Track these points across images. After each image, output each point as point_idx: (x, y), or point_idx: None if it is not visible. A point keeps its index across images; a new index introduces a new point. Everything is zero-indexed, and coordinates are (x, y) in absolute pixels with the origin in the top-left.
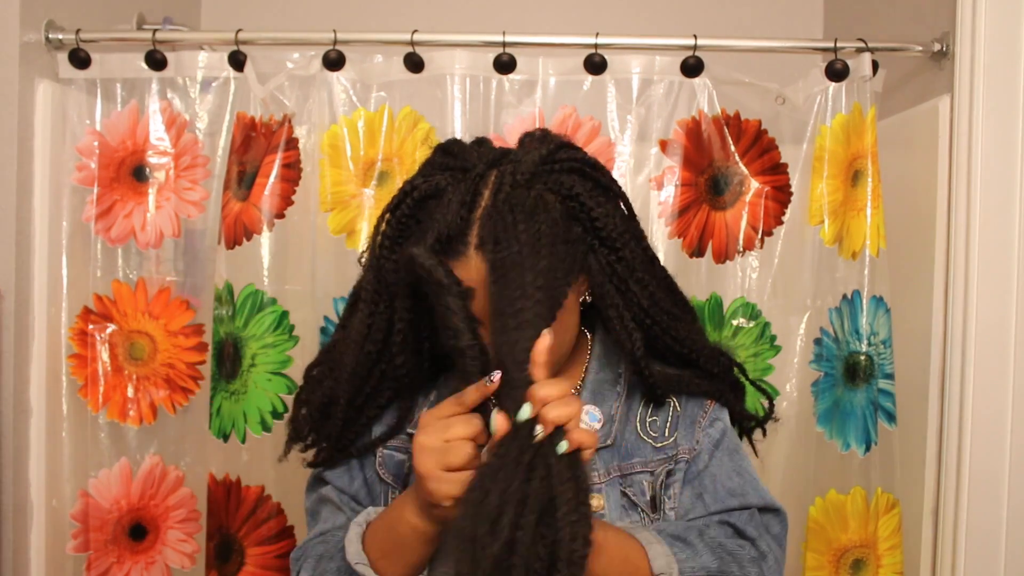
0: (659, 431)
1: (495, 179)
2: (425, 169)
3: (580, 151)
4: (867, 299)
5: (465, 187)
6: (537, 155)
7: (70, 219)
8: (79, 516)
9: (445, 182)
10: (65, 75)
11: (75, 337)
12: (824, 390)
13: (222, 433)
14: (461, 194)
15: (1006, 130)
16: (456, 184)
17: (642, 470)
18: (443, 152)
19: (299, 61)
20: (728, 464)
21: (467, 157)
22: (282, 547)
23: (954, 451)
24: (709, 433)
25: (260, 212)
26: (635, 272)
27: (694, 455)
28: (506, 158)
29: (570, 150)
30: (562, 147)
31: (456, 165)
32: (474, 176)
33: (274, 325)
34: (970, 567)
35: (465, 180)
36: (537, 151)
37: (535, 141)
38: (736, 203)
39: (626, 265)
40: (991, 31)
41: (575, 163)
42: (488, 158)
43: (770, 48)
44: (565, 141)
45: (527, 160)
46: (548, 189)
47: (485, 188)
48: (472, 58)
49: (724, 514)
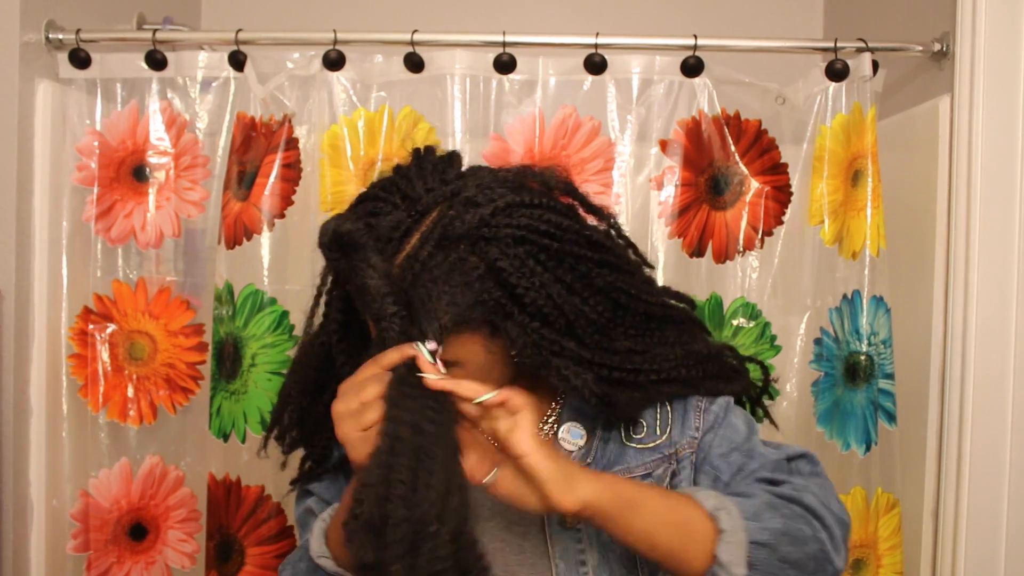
0: (648, 430)
1: (428, 227)
2: (388, 178)
3: (533, 210)
4: (867, 299)
5: (402, 225)
6: (471, 220)
7: (70, 219)
8: (79, 516)
9: (390, 208)
10: (65, 75)
11: (75, 337)
12: (824, 390)
13: (222, 433)
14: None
15: (1006, 130)
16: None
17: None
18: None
19: (299, 61)
20: (739, 432)
21: (416, 185)
22: (282, 547)
23: (954, 451)
24: (712, 411)
25: (260, 212)
26: (575, 335)
27: (697, 442)
28: (455, 197)
29: (516, 212)
30: (507, 209)
31: (407, 191)
32: (416, 213)
33: (274, 325)
34: (970, 567)
35: (408, 215)
36: (477, 212)
37: (489, 187)
38: (736, 203)
39: (559, 331)
40: (991, 31)
41: (515, 230)
42: (436, 194)
43: (770, 48)
44: (520, 197)
45: (463, 219)
46: (473, 253)
47: (417, 231)
48: (472, 58)
49: (750, 476)
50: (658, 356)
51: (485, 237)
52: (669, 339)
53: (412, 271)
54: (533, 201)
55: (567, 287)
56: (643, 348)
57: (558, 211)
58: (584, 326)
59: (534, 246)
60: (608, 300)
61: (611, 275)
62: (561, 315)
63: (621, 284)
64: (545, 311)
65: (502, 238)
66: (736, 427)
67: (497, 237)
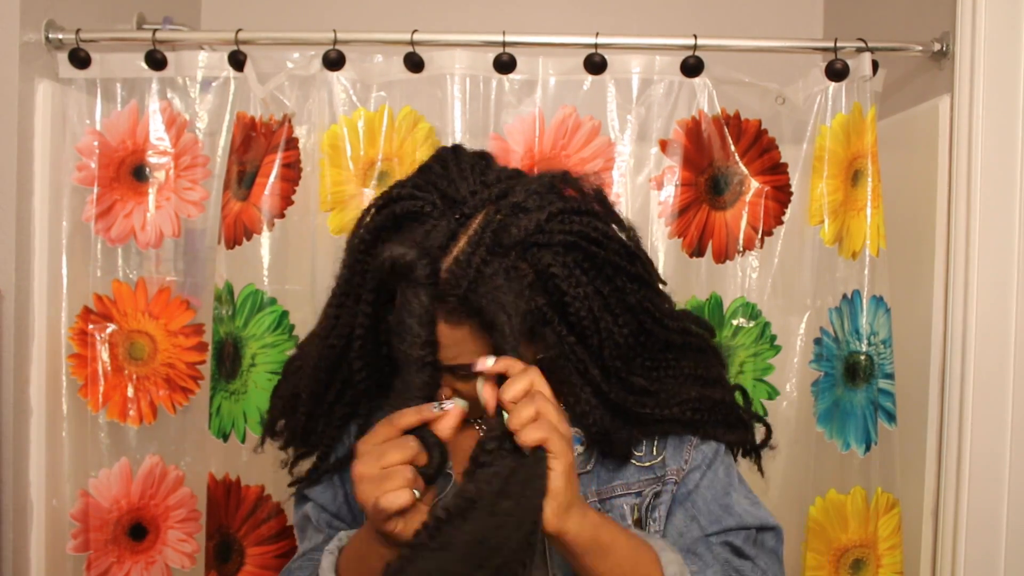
0: (646, 450)
1: (477, 230)
2: (420, 175)
3: (584, 217)
4: (867, 299)
5: (446, 228)
6: (527, 225)
7: (70, 219)
8: (79, 516)
9: (429, 208)
10: (65, 75)
11: (75, 337)
12: (824, 390)
13: (222, 433)
14: (442, 236)
15: (1006, 130)
16: (440, 216)
17: (624, 492)
18: (442, 164)
19: (299, 61)
20: (722, 482)
21: (459, 186)
22: (282, 547)
23: (954, 451)
24: (702, 451)
25: (260, 212)
26: (601, 358)
27: (683, 475)
28: (503, 199)
29: (570, 218)
30: (560, 215)
31: (447, 191)
32: (460, 216)
33: (274, 325)
34: (970, 567)
35: (451, 218)
36: (532, 217)
37: (539, 192)
38: (736, 203)
39: (590, 351)
40: (991, 31)
41: (568, 236)
42: (483, 195)
43: (770, 48)
44: (571, 203)
45: (517, 225)
46: (524, 260)
47: (464, 235)
48: (472, 58)
49: (722, 535)
50: (670, 400)
51: (539, 243)
52: (685, 371)
53: (467, 278)
54: (583, 208)
55: (604, 300)
56: (656, 388)
57: (603, 219)
58: (611, 348)
59: (582, 253)
60: (635, 321)
61: (640, 291)
62: (596, 332)
63: (648, 304)
64: (584, 324)
65: (555, 244)
66: (721, 476)
67: (551, 243)
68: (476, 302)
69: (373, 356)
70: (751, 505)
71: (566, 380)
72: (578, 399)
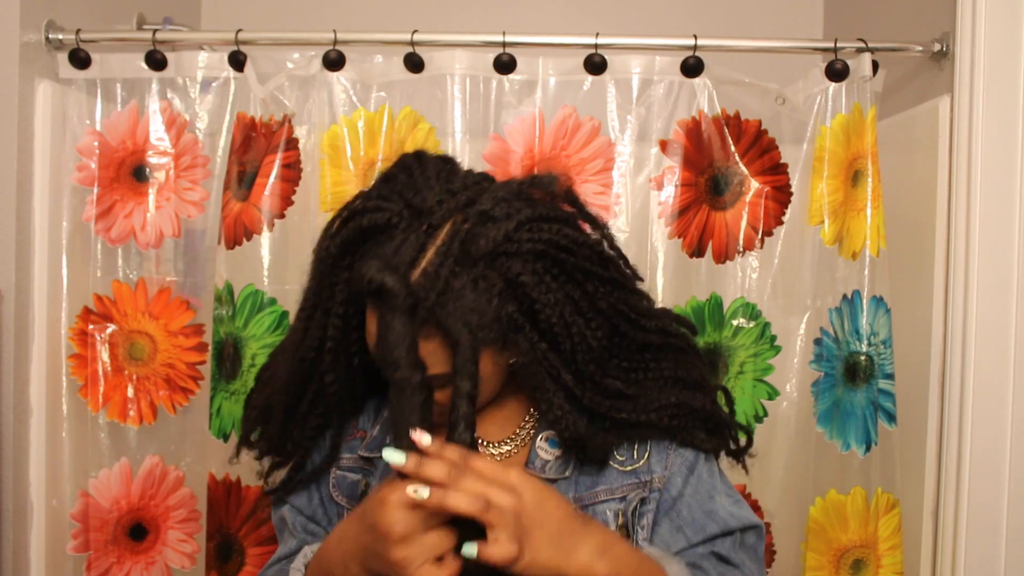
0: (627, 454)
1: (444, 241)
2: (384, 185)
3: (553, 225)
4: (867, 299)
5: (415, 241)
6: (494, 236)
7: (70, 219)
8: (79, 516)
9: (396, 220)
10: (65, 75)
11: (75, 337)
12: (824, 390)
13: (222, 433)
14: (410, 250)
15: (1006, 130)
16: (407, 228)
17: (607, 498)
18: (407, 172)
19: (299, 61)
20: (706, 485)
21: (425, 195)
22: None
23: (954, 451)
24: (683, 454)
25: (260, 212)
26: (574, 363)
27: (665, 480)
28: (469, 207)
29: (539, 226)
30: (529, 222)
31: (412, 201)
32: (427, 227)
33: (274, 325)
34: (970, 567)
35: (418, 230)
36: (500, 226)
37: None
38: (736, 203)
39: (563, 356)
40: (991, 31)
41: (537, 244)
42: (449, 205)
43: (770, 48)
44: (539, 211)
45: (485, 235)
46: (494, 269)
47: (432, 245)
48: (472, 58)
49: (708, 544)
50: (648, 405)
51: (507, 252)
52: (665, 372)
53: (435, 290)
54: (551, 215)
55: (575, 305)
56: (633, 392)
57: (573, 225)
58: (584, 353)
59: (551, 261)
60: (608, 324)
61: (614, 294)
62: (567, 337)
63: (622, 306)
64: (556, 330)
65: (524, 253)
66: (705, 479)
67: (519, 252)
68: (443, 319)
69: (345, 367)
70: (733, 505)
71: (539, 386)
72: (551, 405)
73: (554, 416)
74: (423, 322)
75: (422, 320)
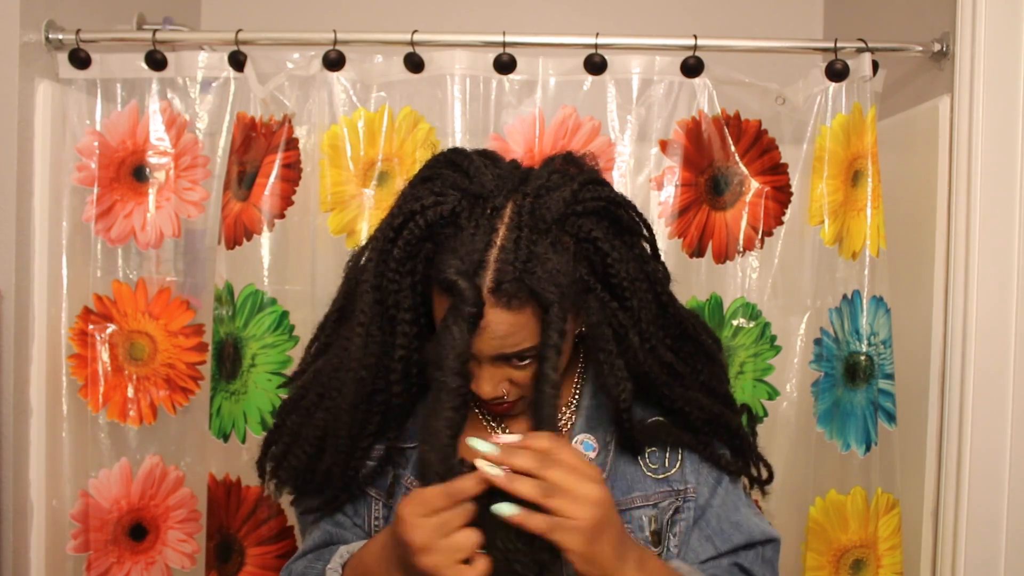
0: (659, 462)
1: (512, 216)
2: (432, 183)
3: (606, 187)
4: (867, 299)
5: (484, 223)
6: (562, 197)
7: (70, 219)
8: (79, 516)
9: (459, 208)
10: (65, 75)
11: (75, 337)
12: (824, 390)
13: (222, 433)
14: (482, 232)
15: (1006, 130)
16: (471, 215)
17: (642, 504)
18: (452, 167)
19: (299, 61)
20: (732, 497)
21: (482, 181)
22: (282, 547)
23: (954, 451)
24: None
25: (260, 212)
26: (639, 323)
27: (697, 490)
28: (525, 185)
29: (596, 187)
30: (588, 184)
31: (469, 188)
32: (491, 209)
33: (274, 325)
34: (970, 567)
35: (482, 214)
36: (564, 190)
37: (558, 171)
38: (736, 203)
39: (630, 315)
40: (991, 31)
41: (600, 202)
42: (506, 186)
43: (770, 48)
44: (591, 175)
45: (551, 201)
46: (565, 232)
47: (501, 224)
48: (472, 58)
49: (732, 555)
50: (687, 391)
51: (576, 212)
52: (701, 375)
53: (519, 260)
54: (600, 179)
55: (638, 263)
56: (682, 370)
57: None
58: (648, 312)
59: (612, 219)
60: (652, 292)
61: (654, 261)
62: (634, 294)
63: (660, 275)
64: (624, 285)
65: (590, 212)
66: (731, 490)
67: (586, 212)
68: (533, 285)
69: (410, 376)
70: (756, 517)
71: (604, 348)
72: (612, 368)
73: (614, 380)
74: (511, 296)
75: (509, 295)
